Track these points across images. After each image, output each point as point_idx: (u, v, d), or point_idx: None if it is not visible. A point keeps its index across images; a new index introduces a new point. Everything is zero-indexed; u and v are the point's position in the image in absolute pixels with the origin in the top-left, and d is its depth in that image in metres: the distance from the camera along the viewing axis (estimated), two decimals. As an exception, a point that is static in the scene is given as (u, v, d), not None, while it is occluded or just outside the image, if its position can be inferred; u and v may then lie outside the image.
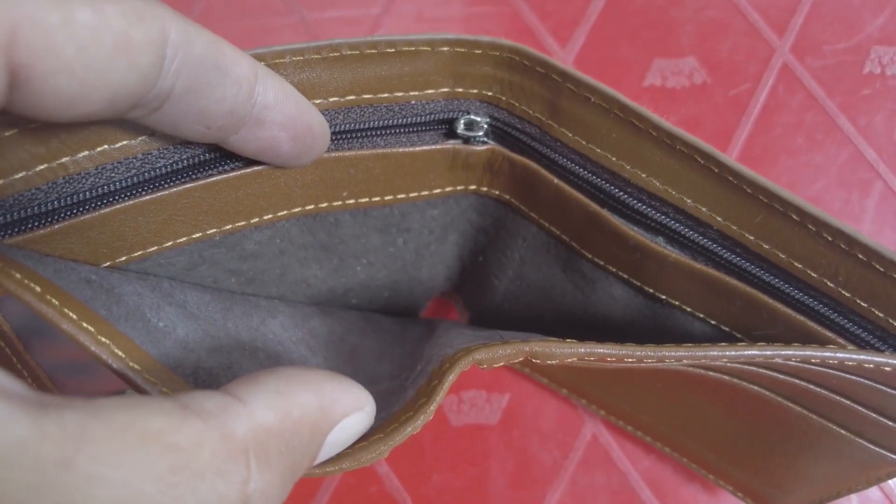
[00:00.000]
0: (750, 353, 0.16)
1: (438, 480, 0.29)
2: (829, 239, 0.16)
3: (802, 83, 0.32)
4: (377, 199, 0.20)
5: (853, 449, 0.20)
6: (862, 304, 0.17)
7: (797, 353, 0.16)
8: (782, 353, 0.16)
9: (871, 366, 0.16)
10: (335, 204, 0.19)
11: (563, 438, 0.29)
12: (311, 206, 0.19)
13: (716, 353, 0.16)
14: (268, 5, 0.34)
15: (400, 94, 0.18)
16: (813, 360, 0.16)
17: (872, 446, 0.20)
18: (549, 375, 0.28)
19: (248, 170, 0.17)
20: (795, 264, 0.17)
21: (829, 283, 0.17)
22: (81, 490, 0.08)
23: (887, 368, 0.16)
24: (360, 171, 0.19)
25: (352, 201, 0.19)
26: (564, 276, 0.22)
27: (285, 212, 0.18)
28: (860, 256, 0.16)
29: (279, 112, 0.15)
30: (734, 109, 0.32)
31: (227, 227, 0.18)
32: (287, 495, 0.12)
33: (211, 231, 0.17)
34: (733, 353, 0.16)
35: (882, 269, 0.16)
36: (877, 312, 0.17)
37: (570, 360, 0.16)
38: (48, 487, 0.08)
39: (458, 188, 0.21)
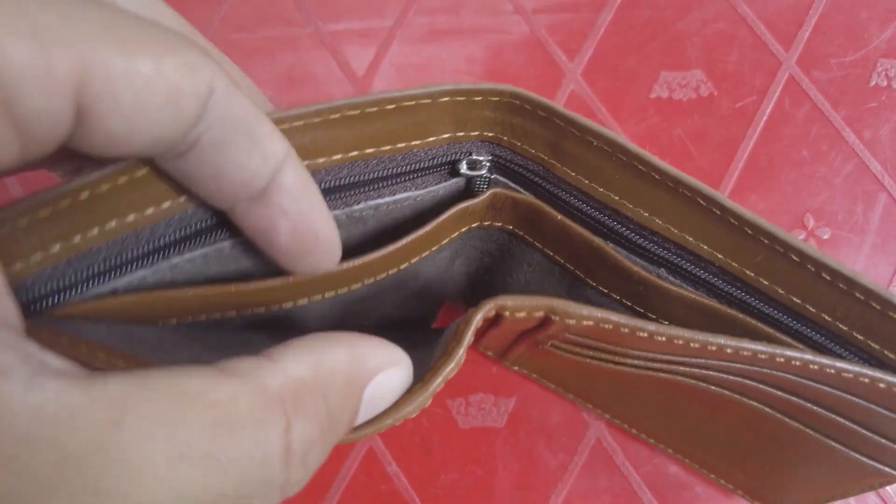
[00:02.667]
0: (759, 348, 0.17)
1: (446, 480, 0.30)
2: (828, 279, 0.17)
3: (808, 95, 0.33)
4: (393, 270, 0.20)
5: (848, 460, 0.21)
6: (859, 336, 0.18)
7: (802, 356, 0.17)
8: (788, 353, 0.17)
9: (867, 380, 0.17)
10: (354, 287, 0.19)
11: (567, 442, 0.30)
12: (332, 293, 0.19)
13: (723, 341, 0.17)
14: (284, 16, 0.35)
15: (402, 144, 0.18)
16: (812, 366, 0.17)
17: (866, 459, 0.20)
18: (557, 381, 0.29)
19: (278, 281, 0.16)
20: (794, 299, 0.18)
21: (826, 318, 0.18)
22: (133, 446, 0.09)
23: (881, 385, 0.17)
24: (376, 266, 0.18)
25: (371, 280, 0.19)
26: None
27: (306, 300, 0.19)
28: (858, 296, 0.17)
29: (290, 200, 0.15)
30: (740, 121, 0.33)
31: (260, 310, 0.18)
32: (329, 451, 0.12)
33: (231, 314, 0.18)
34: (744, 345, 0.17)
35: (879, 308, 0.17)
36: (873, 345, 0.18)
37: (586, 322, 0.17)
38: (104, 446, 0.09)
39: (463, 230, 0.22)
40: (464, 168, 0.20)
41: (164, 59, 0.11)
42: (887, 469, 0.20)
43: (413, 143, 0.18)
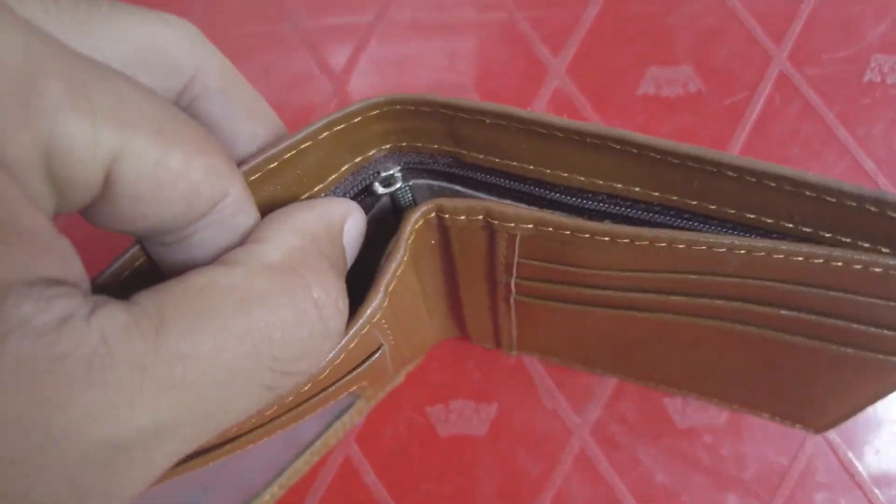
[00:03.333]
0: (741, 242, 0.16)
1: (426, 490, 0.29)
2: (773, 185, 0.16)
3: (800, 92, 0.32)
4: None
5: (866, 361, 0.20)
6: (826, 234, 0.17)
7: (790, 247, 0.16)
8: (783, 247, 0.16)
9: (860, 266, 0.16)
10: None
11: (550, 450, 0.29)
12: None
13: (705, 238, 0.17)
14: (262, 13, 0.34)
15: (306, 195, 0.18)
16: (795, 258, 0.17)
17: (882, 356, 0.20)
18: (559, 352, 0.28)
19: None
20: (748, 216, 0.17)
21: (787, 225, 0.17)
22: (179, 342, 0.11)
23: (877, 270, 0.16)
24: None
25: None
26: None
27: None
28: (808, 194, 0.16)
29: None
30: (730, 119, 0.32)
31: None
32: (346, 295, 0.14)
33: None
34: (726, 240, 0.16)
35: (834, 201, 0.16)
36: (842, 239, 0.17)
37: (525, 224, 0.17)
38: (157, 350, 0.10)
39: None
40: (379, 188, 0.19)
41: (194, 158, 0.12)
42: None
43: (315, 188, 0.18)
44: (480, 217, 0.18)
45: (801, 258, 0.17)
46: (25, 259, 0.10)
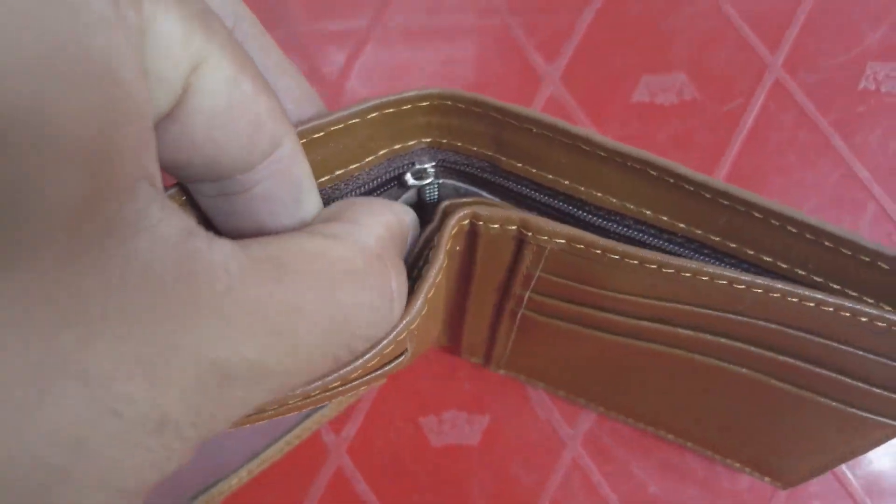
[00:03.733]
0: (744, 277, 0.17)
1: (418, 501, 0.29)
2: (794, 231, 0.17)
3: (795, 99, 0.32)
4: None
5: (848, 418, 0.21)
6: (835, 286, 0.17)
7: (805, 292, 0.17)
8: (800, 292, 0.17)
9: (866, 319, 0.17)
10: None
11: (543, 461, 0.29)
12: None
13: (706, 269, 0.17)
14: (258, 17, 0.34)
15: (340, 171, 0.18)
16: (807, 303, 0.17)
17: (865, 413, 0.20)
18: (546, 377, 0.28)
19: None
20: (765, 258, 0.18)
21: (800, 272, 0.18)
22: (294, 296, 0.11)
23: (881, 324, 0.17)
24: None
25: None
26: None
27: None
28: (827, 244, 0.17)
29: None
30: (724, 126, 0.32)
31: None
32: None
33: None
34: (729, 273, 0.17)
35: (850, 254, 0.16)
36: (850, 293, 0.17)
37: (559, 239, 0.18)
38: (273, 296, 0.11)
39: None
40: (410, 179, 0.19)
41: (260, 91, 0.12)
42: (889, 421, 0.20)
43: (351, 167, 0.18)
44: (514, 227, 0.18)
45: (812, 304, 0.17)
46: (144, 150, 0.10)
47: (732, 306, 0.18)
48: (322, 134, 0.16)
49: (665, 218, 0.18)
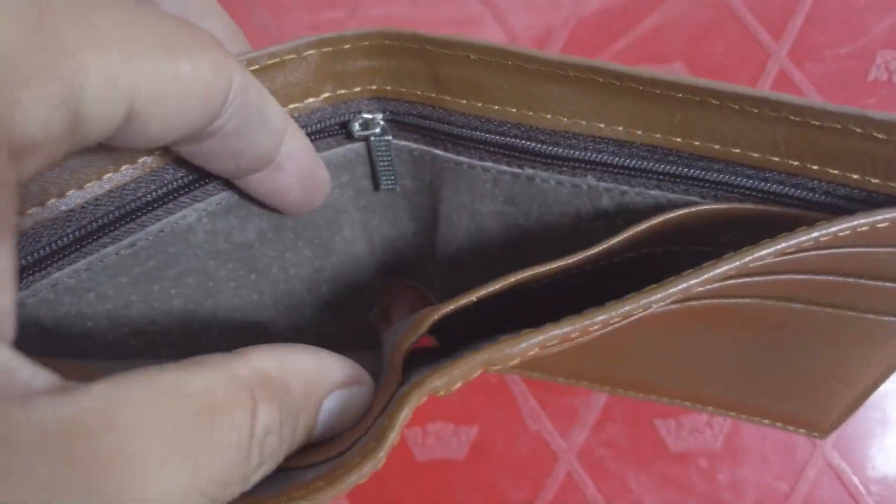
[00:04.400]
0: (730, 265, 0.14)
1: (402, 518, 0.27)
2: (755, 111, 0.15)
3: (801, 90, 0.30)
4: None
5: (867, 328, 0.19)
6: (813, 167, 0.16)
7: (789, 243, 0.15)
8: (774, 248, 0.15)
9: (866, 227, 0.15)
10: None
11: (534, 475, 0.27)
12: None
13: (693, 281, 0.14)
14: (227, 10, 0.32)
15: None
16: (805, 245, 0.15)
17: (885, 317, 0.19)
18: (541, 367, 0.26)
19: None
20: (733, 150, 0.16)
21: (773, 159, 0.16)
22: (127, 445, 0.10)
23: (884, 224, 0.15)
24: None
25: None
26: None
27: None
28: (792, 118, 0.15)
29: (298, 163, 0.16)
30: (725, 120, 0.30)
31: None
32: (283, 455, 0.13)
33: None
34: (714, 272, 0.14)
35: (818, 123, 0.15)
36: (831, 171, 0.16)
37: (530, 352, 0.15)
38: (101, 450, 0.09)
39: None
40: (357, 129, 0.19)
41: (200, 60, 0.12)
42: None
43: (290, 106, 0.17)
44: (478, 373, 0.15)
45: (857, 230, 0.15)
46: None
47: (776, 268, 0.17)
48: (256, 67, 0.16)
49: (620, 128, 0.17)
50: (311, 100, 0.18)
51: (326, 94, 0.18)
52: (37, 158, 0.10)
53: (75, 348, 0.17)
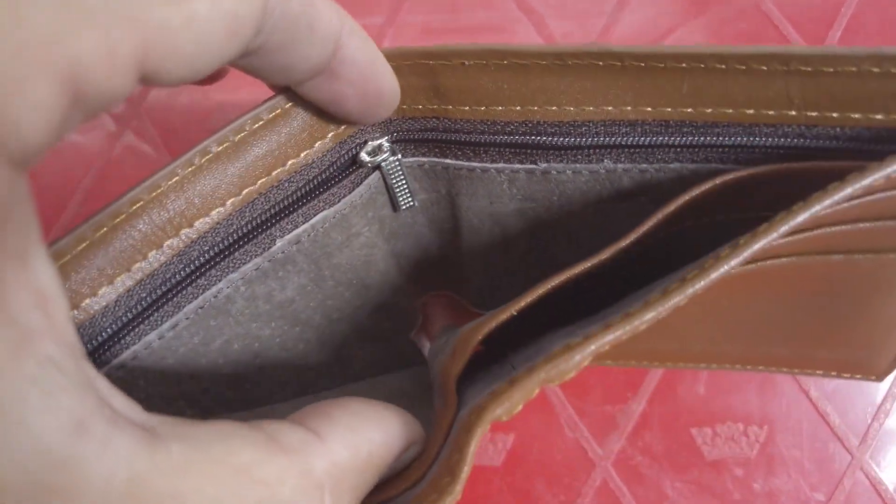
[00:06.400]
0: (773, 234, 0.13)
1: (438, 523, 0.27)
2: (764, 68, 0.15)
3: (838, 102, 0.30)
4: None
5: None
6: (833, 115, 0.16)
7: (861, 184, 0.13)
8: (843, 193, 0.13)
9: None
10: None
11: (570, 482, 0.28)
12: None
13: (734, 260, 0.13)
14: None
15: (292, 161, 0.17)
16: (856, 194, 0.14)
17: None
18: (607, 355, 0.26)
19: None
20: (747, 112, 0.16)
21: (790, 113, 0.16)
22: (220, 462, 0.10)
23: None
24: None
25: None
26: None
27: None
28: (804, 69, 0.15)
29: (354, 70, 0.15)
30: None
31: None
32: None
33: None
34: (784, 227, 0.13)
35: (832, 69, 0.15)
36: (853, 116, 0.15)
37: (585, 363, 0.15)
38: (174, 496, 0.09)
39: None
40: (366, 157, 0.18)
41: None
42: None
43: (302, 155, 0.17)
44: (537, 390, 0.15)
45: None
46: (36, 317, 0.09)
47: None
48: (261, 123, 0.16)
49: (629, 108, 0.17)
50: (318, 143, 0.17)
51: (332, 133, 0.18)
52: (37, 158, 0.10)
53: None
